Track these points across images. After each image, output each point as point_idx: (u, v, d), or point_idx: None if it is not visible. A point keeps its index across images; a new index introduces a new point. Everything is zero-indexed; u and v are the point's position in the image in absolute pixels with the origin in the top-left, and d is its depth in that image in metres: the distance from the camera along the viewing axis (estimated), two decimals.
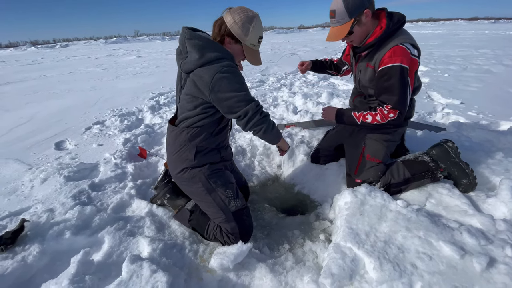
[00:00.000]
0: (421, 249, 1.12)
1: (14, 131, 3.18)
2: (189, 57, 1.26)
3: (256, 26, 1.30)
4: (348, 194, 1.47)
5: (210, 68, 1.22)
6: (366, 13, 1.38)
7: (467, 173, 1.54)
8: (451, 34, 17.15)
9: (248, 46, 1.34)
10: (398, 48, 1.37)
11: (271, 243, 1.55)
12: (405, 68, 1.37)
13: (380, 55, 1.43)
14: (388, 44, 1.41)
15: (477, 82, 4.40)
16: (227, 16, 1.29)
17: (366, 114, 1.50)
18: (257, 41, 1.34)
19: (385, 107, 1.43)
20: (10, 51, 26.56)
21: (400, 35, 1.41)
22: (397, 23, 1.41)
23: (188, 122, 1.36)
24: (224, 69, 1.21)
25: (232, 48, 1.34)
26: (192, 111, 1.32)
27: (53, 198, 1.73)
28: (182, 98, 1.37)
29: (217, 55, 1.24)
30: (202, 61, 1.23)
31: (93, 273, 1.22)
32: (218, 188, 1.39)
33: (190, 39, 1.26)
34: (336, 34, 1.45)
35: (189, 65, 1.26)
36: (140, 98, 4.44)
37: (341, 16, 1.39)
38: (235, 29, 1.27)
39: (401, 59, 1.36)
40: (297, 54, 3.48)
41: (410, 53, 1.38)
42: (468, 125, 2.49)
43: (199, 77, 1.24)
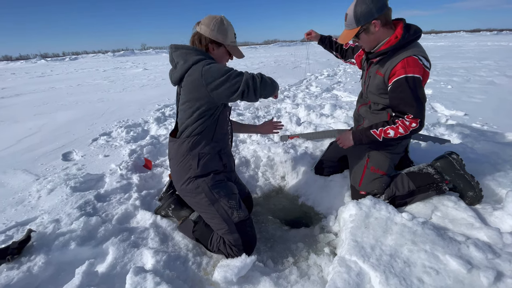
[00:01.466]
0: (427, 263, 1.10)
1: (23, 142, 3.25)
2: (178, 66, 1.36)
3: (228, 25, 1.43)
4: (353, 206, 1.46)
5: (196, 67, 1.29)
6: (375, 23, 1.41)
7: (472, 186, 1.53)
8: (454, 46, 17.28)
9: (230, 45, 1.45)
10: (411, 59, 1.38)
11: (275, 256, 1.53)
12: (418, 78, 1.38)
13: (392, 64, 1.43)
14: (400, 54, 1.42)
15: (481, 94, 4.40)
16: (201, 27, 1.40)
17: (386, 129, 1.46)
18: (234, 38, 1.47)
19: (406, 118, 1.41)
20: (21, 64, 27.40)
21: (414, 47, 1.43)
22: (413, 35, 1.42)
23: (188, 132, 1.39)
24: (207, 62, 1.29)
25: (216, 53, 1.44)
26: (190, 118, 1.36)
27: (59, 209, 1.75)
28: (180, 109, 1.43)
29: (200, 58, 1.33)
30: (186, 65, 1.32)
31: (97, 285, 1.22)
32: (221, 199, 1.40)
33: (175, 50, 1.38)
34: (343, 37, 1.54)
35: (178, 72, 1.35)
36: (146, 110, 4.52)
37: (350, 21, 1.45)
38: (214, 35, 1.39)
39: (415, 69, 1.37)
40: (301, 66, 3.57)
41: (423, 65, 1.40)
42: (472, 137, 2.48)
43: (189, 80, 1.31)
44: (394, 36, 1.44)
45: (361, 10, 1.39)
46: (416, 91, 1.38)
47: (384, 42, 1.48)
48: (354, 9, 1.41)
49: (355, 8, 1.40)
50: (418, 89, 1.38)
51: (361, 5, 1.39)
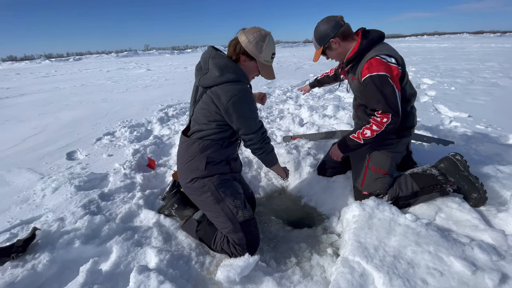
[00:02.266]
0: (431, 265, 1.10)
1: (27, 141, 3.28)
2: (209, 73, 1.35)
3: (268, 43, 1.39)
4: (356, 207, 1.46)
5: (228, 90, 1.30)
6: (334, 41, 1.58)
7: (477, 187, 1.52)
8: (457, 48, 17.21)
9: (262, 63, 1.42)
10: (373, 59, 1.48)
11: (277, 256, 1.54)
12: (383, 75, 1.45)
13: (360, 68, 1.56)
14: (365, 57, 1.54)
15: (485, 95, 4.38)
16: (242, 36, 1.38)
17: (362, 130, 1.56)
18: (270, 57, 1.43)
19: (377, 114, 1.50)
20: (25, 64, 27.64)
21: (376, 48, 1.54)
22: (371, 40, 1.55)
23: (201, 134, 1.41)
24: (240, 94, 1.30)
25: (247, 65, 1.42)
26: (206, 125, 1.38)
27: (64, 207, 1.76)
28: (196, 111, 1.44)
29: (235, 77, 1.33)
30: (220, 80, 1.32)
31: (101, 283, 1.23)
32: (226, 198, 1.41)
33: (214, 58, 1.37)
34: (314, 57, 1.74)
35: (208, 81, 1.35)
36: (149, 110, 4.54)
37: (315, 43, 1.66)
38: (249, 48, 1.36)
39: (378, 68, 1.46)
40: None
41: (386, 61, 1.48)
42: (476, 138, 2.47)
43: (216, 95, 1.32)
44: (357, 44, 1.58)
45: (319, 34, 1.60)
46: (382, 87, 1.46)
47: (350, 51, 1.61)
48: (314, 33, 1.63)
49: (315, 33, 1.63)
50: (384, 85, 1.46)
51: (318, 29, 1.60)
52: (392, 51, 1.54)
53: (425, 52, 15.23)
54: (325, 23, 1.58)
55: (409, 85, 1.67)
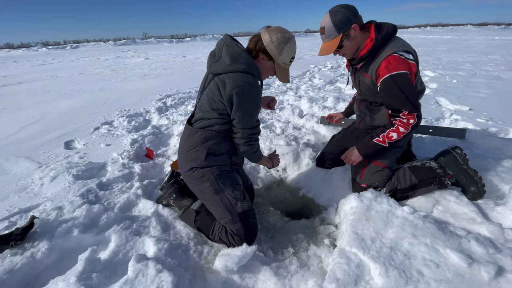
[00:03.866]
0: (427, 257, 1.11)
1: (25, 130, 3.25)
2: (220, 60, 1.33)
3: (290, 47, 1.36)
4: (354, 199, 1.46)
5: (235, 79, 1.27)
6: (354, 27, 1.45)
7: (475, 181, 1.52)
8: (460, 40, 16.99)
9: (280, 65, 1.40)
10: (391, 57, 1.41)
11: (275, 246, 1.55)
12: (404, 73, 1.40)
13: (375, 66, 1.47)
14: (381, 54, 1.46)
15: (487, 88, 4.34)
16: (265, 34, 1.35)
17: (388, 133, 1.49)
18: (289, 61, 1.41)
19: (402, 116, 1.44)
20: (22, 52, 27.24)
21: (392, 43, 1.46)
22: (386, 35, 1.46)
23: (203, 123, 1.40)
24: (246, 86, 1.27)
25: (264, 64, 1.40)
26: (209, 112, 1.36)
27: (62, 196, 1.76)
28: (202, 98, 1.42)
29: (245, 68, 1.31)
30: (230, 68, 1.30)
31: (99, 271, 1.23)
32: (226, 189, 1.40)
33: (228, 46, 1.34)
34: (327, 49, 1.51)
35: (219, 68, 1.33)
36: (147, 100, 4.49)
37: (330, 32, 1.46)
38: (270, 48, 1.34)
39: (398, 66, 1.40)
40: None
41: (405, 58, 1.42)
42: (477, 132, 2.46)
43: (222, 83, 1.30)
44: (369, 39, 1.48)
45: (339, 18, 1.43)
46: (404, 87, 1.40)
47: (362, 47, 1.51)
48: (332, 19, 1.44)
49: (332, 18, 1.44)
50: (406, 84, 1.40)
51: (337, 14, 1.43)
52: (408, 46, 1.47)
53: (428, 43, 15.04)
54: (343, 7, 1.44)
55: (420, 81, 1.64)
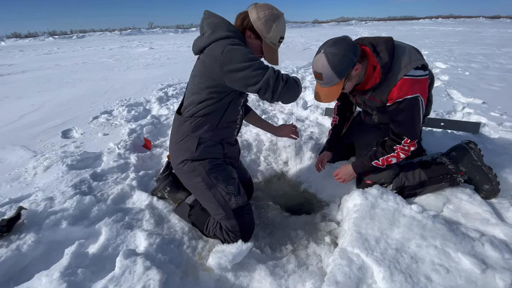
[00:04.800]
0: (437, 260, 1.01)
1: (24, 118, 3.21)
2: (204, 35, 1.24)
3: (279, 25, 1.26)
4: (358, 195, 1.37)
5: (219, 43, 1.17)
6: (356, 67, 1.26)
7: (490, 178, 1.41)
8: (472, 32, 16.39)
9: (268, 44, 1.29)
10: (402, 82, 1.25)
11: (273, 243, 1.47)
12: (415, 97, 1.26)
13: (385, 92, 1.31)
14: (390, 79, 1.28)
15: (500, 82, 4.14)
16: (252, 10, 1.25)
17: (387, 158, 1.40)
18: (277, 41, 1.30)
19: (404, 143, 1.35)
20: (29, 41, 27.29)
21: (398, 64, 1.27)
22: (389, 55, 1.25)
23: (192, 110, 1.30)
24: (234, 42, 1.16)
25: (251, 43, 1.30)
26: (197, 94, 1.26)
27: (54, 187, 1.71)
28: (189, 81, 1.33)
29: (228, 34, 1.21)
30: (212, 38, 1.20)
31: (86, 266, 1.18)
32: (218, 184, 1.32)
33: (207, 18, 1.25)
34: (328, 97, 1.31)
35: (201, 42, 1.24)
36: (149, 89, 4.41)
37: (329, 79, 1.24)
38: (257, 25, 1.24)
39: (409, 90, 1.25)
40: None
41: (416, 77, 1.26)
42: (491, 126, 2.32)
43: (208, 54, 1.19)
44: (370, 66, 1.30)
45: (340, 63, 1.19)
46: (415, 113, 1.29)
47: (363, 76, 1.34)
48: (330, 65, 1.19)
49: (331, 64, 1.19)
50: (416, 110, 1.29)
51: (335, 58, 1.19)
52: (414, 57, 1.28)
53: (439, 35, 14.57)
54: (341, 46, 1.19)
55: (431, 76, 1.49)
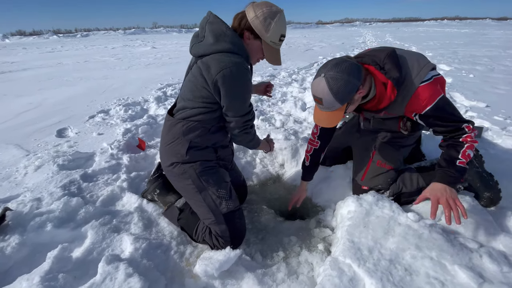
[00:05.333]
0: (432, 273, 0.96)
1: (21, 116, 3.19)
2: (204, 40, 1.19)
3: (278, 22, 1.19)
4: (352, 202, 1.32)
5: (220, 60, 1.13)
6: (360, 92, 1.15)
7: (491, 185, 1.36)
8: (478, 34, 16.22)
9: (268, 44, 1.24)
10: (422, 90, 1.17)
11: (264, 249, 1.42)
12: (441, 98, 1.18)
13: (402, 104, 1.22)
14: (404, 91, 1.20)
15: (505, 85, 4.06)
16: (249, 9, 1.19)
17: (464, 151, 1.16)
18: (278, 39, 1.24)
19: (467, 129, 1.17)
20: (33, 39, 27.51)
21: (409, 73, 1.19)
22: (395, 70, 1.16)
23: (185, 114, 1.27)
24: (233, 68, 1.12)
25: (250, 44, 1.25)
26: (192, 101, 1.23)
27: (43, 187, 1.67)
28: (184, 85, 1.30)
29: (231, 47, 1.16)
30: (214, 48, 1.16)
31: (68, 271, 1.14)
32: (209, 187, 1.28)
33: (211, 23, 1.19)
34: (328, 121, 1.21)
35: (201, 48, 1.20)
36: (148, 89, 4.39)
37: (330, 104, 1.12)
38: (255, 24, 1.18)
39: (433, 94, 1.17)
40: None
41: (431, 80, 1.19)
42: (494, 131, 2.26)
43: (206, 66, 1.15)
44: (380, 85, 1.20)
45: (342, 90, 1.08)
46: (450, 107, 1.20)
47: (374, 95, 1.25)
48: (331, 91, 1.08)
49: (332, 90, 1.08)
50: (448, 104, 1.20)
51: (337, 83, 1.07)
52: (423, 62, 1.21)
53: (444, 37, 14.42)
54: (343, 70, 1.08)
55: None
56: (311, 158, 1.57)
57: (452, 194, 1.11)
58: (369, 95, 1.25)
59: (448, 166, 1.16)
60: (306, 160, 1.59)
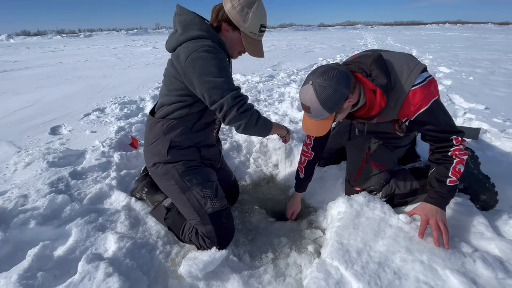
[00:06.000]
0: (422, 277, 0.92)
1: (17, 114, 3.18)
2: (175, 33, 1.17)
3: (257, 11, 1.15)
4: (343, 203, 1.28)
5: (188, 46, 1.09)
6: (350, 100, 1.11)
7: (487, 187, 1.32)
8: (480, 38, 16.16)
9: (247, 35, 1.19)
10: (413, 93, 1.13)
11: (253, 250, 1.39)
12: (435, 100, 1.13)
13: (394, 109, 1.18)
14: (395, 96, 1.15)
15: (505, 87, 4.01)
16: (226, 1, 1.16)
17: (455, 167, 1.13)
18: (258, 30, 1.19)
19: (456, 142, 1.13)
20: (37, 39, 27.66)
21: (399, 77, 1.14)
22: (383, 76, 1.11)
23: (164, 112, 1.24)
24: (202, 49, 1.06)
25: (229, 36, 1.20)
26: (167, 96, 1.20)
27: (30, 184, 1.65)
28: (162, 81, 1.27)
29: (200, 34, 1.12)
30: (183, 38, 1.12)
31: (48, 269, 1.11)
32: (193, 187, 1.25)
33: (179, 14, 1.16)
34: (316, 130, 1.17)
35: (173, 41, 1.16)
36: (145, 88, 4.37)
37: (318, 113, 1.09)
38: (232, 14, 1.14)
39: (425, 97, 1.12)
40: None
41: (423, 82, 1.14)
42: (492, 133, 2.21)
43: (176, 56, 1.12)
44: (369, 93, 1.16)
45: (330, 99, 1.04)
46: (443, 112, 1.15)
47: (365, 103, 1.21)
48: (319, 99, 1.04)
49: (320, 99, 1.04)
50: (441, 109, 1.15)
51: (325, 92, 1.03)
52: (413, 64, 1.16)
53: (445, 40, 14.38)
54: (331, 78, 1.03)
55: None
56: (305, 170, 1.52)
57: (442, 217, 1.10)
58: (359, 102, 1.21)
59: (439, 187, 1.14)
60: (300, 172, 1.53)
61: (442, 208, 1.12)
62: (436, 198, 1.14)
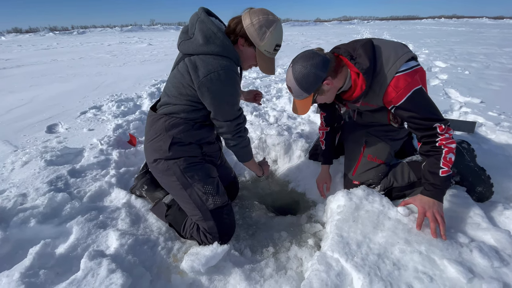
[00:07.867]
0: (421, 268, 0.94)
1: (12, 112, 3.14)
2: (193, 39, 1.17)
3: (274, 32, 1.17)
4: (342, 196, 1.30)
5: (208, 63, 1.11)
6: (326, 83, 1.19)
7: (482, 180, 1.34)
8: (475, 32, 16.24)
9: (262, 52, 1.21)
10: (397, 79, 1.15)
11: (254, 244, 1.40)
12: (419, 88, 1.15)
13: (379, 94, 1.21)
14: (380, 81, 1.18)
15: (500, 81, 4.06)
16: (245, 16, 1.17)
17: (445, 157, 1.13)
18: (273, 49, 1.21)
19: (440, 131, 1.14)
20: (29, 36, 27.16)
21: (385, 63, 1.17)
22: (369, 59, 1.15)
23: (168, 109, 1.24)
24: (221, 71, 1.11)
25: (244, 51, 1.23)
26: (176, 98, 1.21)
27: (29, 183, 1.64)
28: (169, 79, 1.27)
29: (220, 51, 1.14)
30: (203, 49, 1.14)
31: (51, 267, 1.11)
32: (195, 183, 1.25)
33: (202, 22, 1.16)
34: (301, 108, 1.27)
35: (190, 47, 1.17)
36: (142, 85, 4.34)
37: (298, 93, 1.22)
38: (250, 31, 1.16)
39: (409, 84, 1.14)
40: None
41: (408, 70, 1.15)
42: (487, 126, 2.24)
43: (193, 65, 1.14)
44: (355, 75, 1.20)
45: (305, 80, 1.15)
46: (425, 100, 1.17)
47: (349, 86, 1.26)
48: (296, 81, 1.17)
49: (297, 80, 1.17)
50: (424, 97, 1.17)
51: (300, 73, 1.15)
52: (401, 51, 1.18)
53: (441, 35, 14.43)
54: (307, 62, 1.14)
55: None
56: (325, 142, 1.66)
57: (439, 209, 1.12)
58: (345, 85, 1.26)
59: (433, 178, 1.16)
60: (322, 145, 1.67)
61: (439, 200, 1.14)
62: (432, 190, 1.15)
